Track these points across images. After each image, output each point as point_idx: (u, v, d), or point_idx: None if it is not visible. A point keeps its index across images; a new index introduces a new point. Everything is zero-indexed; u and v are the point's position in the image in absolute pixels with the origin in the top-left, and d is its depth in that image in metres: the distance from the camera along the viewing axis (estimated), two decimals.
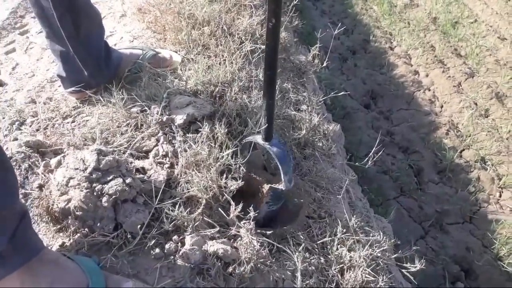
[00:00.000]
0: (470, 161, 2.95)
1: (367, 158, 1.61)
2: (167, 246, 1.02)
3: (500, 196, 2.73)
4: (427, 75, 3.83)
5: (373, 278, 1.14)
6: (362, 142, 3.06)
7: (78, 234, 1.00)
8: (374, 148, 1.59)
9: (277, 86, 1.75)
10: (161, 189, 1.06)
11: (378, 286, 1.13)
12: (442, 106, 3.50)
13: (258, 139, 1.23)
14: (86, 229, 1.00)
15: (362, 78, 3.82)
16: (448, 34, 4.37)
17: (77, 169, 1.02)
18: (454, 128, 3.24)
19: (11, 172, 0.82)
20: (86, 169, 1.01)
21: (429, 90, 3.68)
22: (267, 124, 1.15)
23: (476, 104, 3.41)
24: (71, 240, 1.00)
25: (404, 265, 1.29)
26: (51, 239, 1.02)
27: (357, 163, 1.70)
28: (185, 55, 1.71)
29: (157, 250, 1.01)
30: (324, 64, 2.15)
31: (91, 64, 1.37)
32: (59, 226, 1.02)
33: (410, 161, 3.00)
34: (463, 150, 3.05)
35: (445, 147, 3.03)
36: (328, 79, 3.53)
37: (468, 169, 2.89)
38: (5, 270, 0.81)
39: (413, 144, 3.13)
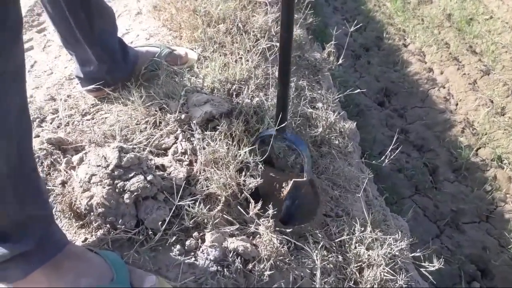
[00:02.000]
0: (486, 160, 2.91)
1: (383, 157, 1.60)
2: (187, 242, 1.03)
3: None
4: (441, 73, 3.79)
5: (392, 277, 1.13)
6: (376, 140, 3.04)
7: (101, 230, 1.01)
8: (390, 147, 1.58)
9: (292, 83, 1.75)
10: (182, 186, 1.06)
11: (397, 285, 1.12)
12: (457, 104, 3.46)
13: (272, 132, 1.24)
14: (108, 226, 1.01)
15: (375, 76, 3.79)
16: (463, 31, 4.31)
17: (99, 166, 1.03)
18: (470, 126, 3.20)
19: (40, 179, 0.85)
20: (108, 166, 1.02)
21: (444, 87, 3.64)
22: (281, 119, 1.16)
23: (492, 102, 3.37)
24: (93, 236, 1.01)
25: (422, 264, 1.29)
26: (74, 235, 1.03)
27: (373, 162, 1.69)
28: (201, 52, 1.71)
29: (178, 246, 1.02)
30: (340, 62, 2.14)
31: (108, 61, 1.38)
32: (81, 222, 1.04)
33: (425, 160, 2.97)
34: (479, 148, 3.01)
35: (461, 146, 2.99)
36: (341, 76, 3.51)
37: (484, 167, 2.86)
38: (31, 267, 0.83)
39: (428, 142, 3.10)
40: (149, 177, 1.04)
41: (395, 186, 2.71)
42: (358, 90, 2.12)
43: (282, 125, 1.20)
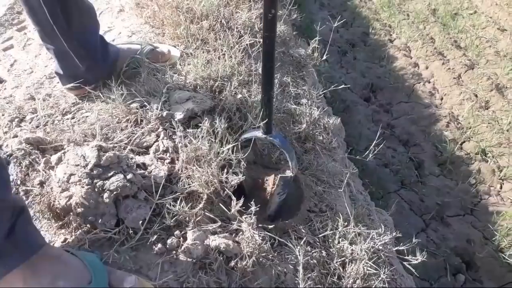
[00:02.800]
0: (471, 153, 2.95)
1: (368, 152, 1.61)
2: (169, 241, 1.02)
3: (501, 188, 2.74)
4: (427, 67, 3.82)
5: (374, 271, 1.14)
6: (362, 135, 3.06)
7: (80, 230, 1.00)
8: (374, 142, 1.59)
9: (276, 80, 1.75)
10: (162, 185, 1.06)
11: (379, 278, 1.13)
12: (442, 98, 3.49)
13: (257, 133, 1.24)
14: (88, 225, 1.00)
15: (361, 71, 3.81)
16: (447, 26, 4.35)
17: (78, 165, 1.01)
18: (455, 120, 3.24)
19: (1, 165, 0.82)
20: (87, 165, 1.01)
21: (429, 82, 3.67)
22: (267, 118, 1.16)
23: (476, 96, 3.41)
24: (73, 236, 1.00)
25: (406, 257, 1.30)
26: (53, 235, 1.02)
27: (357, 157, 1.69)
28: (183, 49, 1.70)
29: (159, 245, 1.01)
30: (324, 58, 2.14)
31: (87, 59, 1.36)
32: (61, 223, 1.02)
33: (411, 154, 3.00)
34: (464, 142, 3.05)
35: (446, 140, 3.03)
36: (327, 72, 3.52)
37: (469, 161, 2.89)
38: (6, 268, 0.81)
39: (413, 137, 3.13)
40: (129, 176, 1.03)
41: (381, 181, 2.73)
42: (343, 86, 2.13)
43: (267, 124, 1.20)
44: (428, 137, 3.10)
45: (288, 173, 1.28)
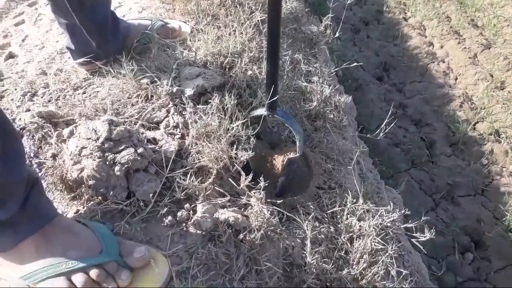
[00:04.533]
0: (484, 134, 2.91)
1: (378, 130, 1.59)
2: (179, 214, 1.04)
3: None
4: (441, 47, 3.74)
5: (382, 247, 1.15)
6: (374, 114, 3.03)
7: (92, 202, 1.02)
8: (385, 120, 1.57)
9: (287, 57, 1.73)
10: (172, 159, 1.07)
11: (387, 254, 1.14)
12: (456, 78, 3.42)
13: (263, 111, 1.24)
14: (100, 197, 1.02)
15: (374, 50, 3.74)
16: (464, 4, 4.22)
17: (89, 139, 1.03)
18: (468, 101, 3.18)
19: (16, 139, 0.84)
20: (98, 139, 1.02)
21: (444, 62, 3.60)
22: (272, 95, 1.15)
23: (492, 76, 3.33)
24: (85, 208, 1.02)
25: (414, 234, 1.30)
26: (66, 206, 1.04)
27: (368, 135, 1.68)
28: (194, 25, 1.69)
29: (169, 217, 1.03)
30: (336, 35, 2.11)
31: (98, 35, 1.36)
32: (73, 194, 1.05)
33: (423, 134, 2.97)
34: (477, 122, 3.00)
35: (459, 120, 2.98)
36: (340, 50, 3.47)
37: (482, 141, 2.86)
38: (19, 237, 0.84)
39: (425, 117, 3.09)
40: (140, 150, 1.04)
41: (392, 160, 2.71)
42: (355, 64, 2.10)
43: (273, 102, 1.20)
44: (440, 117, 3.06)
45: (294, 154, 1.28)
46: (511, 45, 3.62)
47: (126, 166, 1.01)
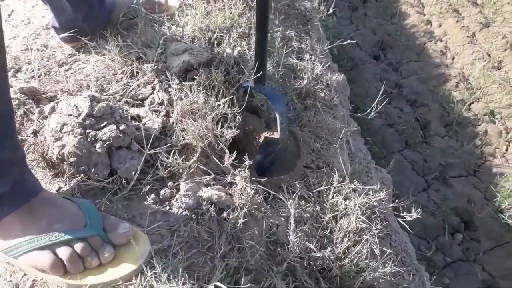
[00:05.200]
0: (479, 114, 2.89)
1: (370, 109, 1.58)
2: (162, 192, 1.03)
3: (507, 149, 2.70)
4: (440, 25, 3.68)
5: (366, 226, 1.15)
6: (369, 94, 3.00)
7: (74, 179, 1.01)
8: (377, 99, 1.56)
9: (278, 33, 1.69)
10: (152, 136, 1.05)
11: (371, 232, 1.14)
12: (453, 58, 3.38)
13: (249, 84, 1.22)
14: (81, 175, 1.01)
15: (372, 28, 3.68)
16: None
17: (71, 115, 1.01)
18: (465, 81, 3.15)
19: (11, 117, 0.84)
20: (79, 115, 1.01)
21: (441, 41, 3.55)
22: (260, 70, 1.13)
23: (489, 55, 3.29)
24: (67, 185, 1.01)
25: (401, 214, 1.30)
26: (48, 184, 1.03)
27: (359, 114, 1.67)
28: (182, 0, 1.65)
29: (152, 195, 1.02)
30: (330, 11, 2.07)
31: (84, 8, 1.33)
32: (55, 172, 1.04)
33: (417, 114, 2.95)
34: (472, 103, 2.98)
35: (454, 100, 2.96)
36: (336, 28, 3.41)
37: (476, 122, 2.84)
38: (5, 212, 0.84)
39: (421, 97, 3.06)
40: (122, 127, 1.03)
41: (385, 141, 2.70)
42: (350, 41, 2.06)
43: (260, 77, 1.18)
44: (436, 97, 3.03)
45: (276, 135, 1.26)
46: (510, 24, 3.57)
47: (107, 143, 0.99)
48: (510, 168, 2.55)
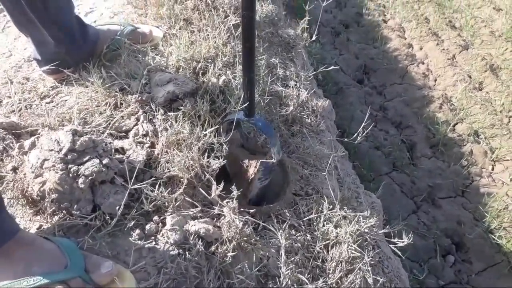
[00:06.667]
0: (463, 135, 2.93)
1: (356, 134, 1.58)
2: (147, 227, 1.00)
3: (493, 169, 2.73)
4: (421, 48, 3.77)
5: (358, 254, 1.13)
6: (355, 118, 3.02)
7: (56, 217, 0.98)
8: (363, 123, 1.56)
9: (263, 61, 1.70)
10: (137, 169, 1.03)
11: (363, 261, 1.11)
12: (436, 80, 3.45)
13: (241, 116, 1.21)
14: (64, 212, 0.98)
15: (355, 53, 3.75)
16: (442, 6, 4.28)
17: (52, 150, 0.98)
18: (448, 102, 3.20)
19: None
20: (61, 150, 0.98)
21: (423, 63, 3.63)
22: (248, 101, 1.12)
23: (470, 77, 3.37)
24: (49, 223, 0.97)
25: (392, 240, 1.28)
26: (28, 222, 0.99)
27: (346, 139, 1.67)
28: (167, 30, 1.65)
29: (137, 231, 0.99)
30: (314, 38, 2.09)
31: (66, 41, 1.32)
32: (35, 209, 1.00)
33: (403, 136, 2.97)
34: (456, 124, 3.02)
35: (438, 121, 3.00)
36: (319, 54, 3.47)
37: (461, 143, 2.88)
38: None
39: (406, 119, 3.10)
40: (105, 161, 1.00)
41: (373, 164, 2.71)
42: (334, 67, 2.09)
43: (250, 110, 1.17)
44: (420, 119, 3.07)
45: (271, 159, 1.25)
46: (488, 46, 3.67)
47: (90, 178, 0.96)
48: (497, 188, 2.57)
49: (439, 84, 3.40)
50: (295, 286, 1.03)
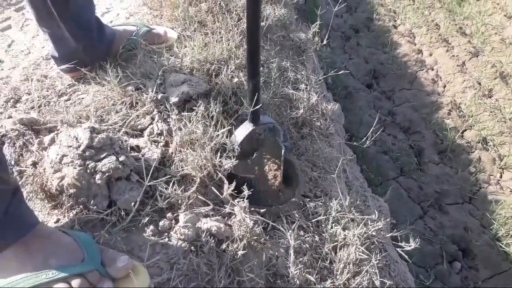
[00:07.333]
0: (472, 142, 2.93)
1: (365, 138, 1.60)
2: (161, 223, 1.02)
3: (501, 176, 2.73)
4: (430, 54, 3.78)
5: (366, 256, 1.14)
6: (363, 122, 3.04)
7: (73, 211, 1.01)
8: (372, 128, 1.58)
9: (274, 64, 1.73)
10: (153, 167, 1.05)
11: (371, 263, 1.13)
12: (445, 86, 3.46)
13: (249, 127, 1.22)
14: (80, 206, 1.01)
15: (364, 57, 3.77)
16: (453, 12, 4.28)
17: (70, 146, 1.01)
18: (457, 108, 3.21)
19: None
20: (79, 146, 1.01)
21: (432, 69, 3.63)
22: (253, 106, 1.14)
23: (479, 84, 3.37)
24: (66, 217, 1.00)
25: (399, 244, 1.30)
26: (47, 215, 1.02)
27: (355, 143, 1.69)
28: (181, 32, 1.68)
29: (151, 227, 1.01)
30: (324, 42, 2.12)
31: (84, 39, 1.35)
32: (54, 203, 1.03)
33: (411, 142, 2.98)
34: (465, 130, 3.02)
35: (447, 128, 3.00)
36: (329, 58, 3.49)
37: (469, 149, 2.88)
38: (0, 246, 0.82)
39: (414, 124, 3.10)
40: (122, 158, 1.03)
41: (380, 168, 2.72)
42: (343, 72, 2.11)
43: (256, 111, 1.19)
44: (429, 124, 3.08)
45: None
46: (498, 53, 3.67)
47: (107, 174, 0.99)
48: (505, 195, 2.57)
49: (448, 90, 3.40)
50: (304, 286, 1.05)
